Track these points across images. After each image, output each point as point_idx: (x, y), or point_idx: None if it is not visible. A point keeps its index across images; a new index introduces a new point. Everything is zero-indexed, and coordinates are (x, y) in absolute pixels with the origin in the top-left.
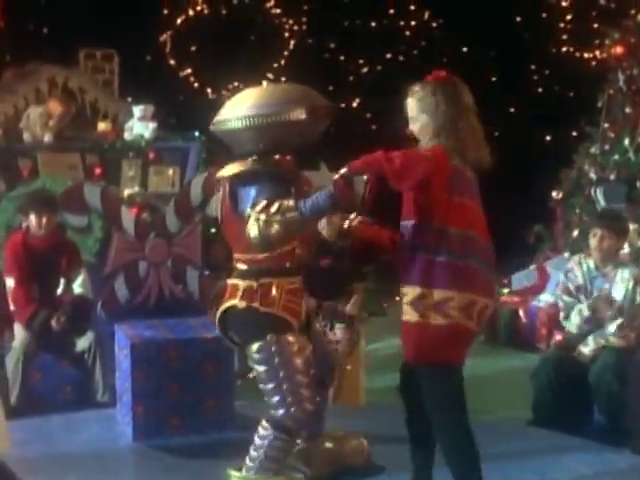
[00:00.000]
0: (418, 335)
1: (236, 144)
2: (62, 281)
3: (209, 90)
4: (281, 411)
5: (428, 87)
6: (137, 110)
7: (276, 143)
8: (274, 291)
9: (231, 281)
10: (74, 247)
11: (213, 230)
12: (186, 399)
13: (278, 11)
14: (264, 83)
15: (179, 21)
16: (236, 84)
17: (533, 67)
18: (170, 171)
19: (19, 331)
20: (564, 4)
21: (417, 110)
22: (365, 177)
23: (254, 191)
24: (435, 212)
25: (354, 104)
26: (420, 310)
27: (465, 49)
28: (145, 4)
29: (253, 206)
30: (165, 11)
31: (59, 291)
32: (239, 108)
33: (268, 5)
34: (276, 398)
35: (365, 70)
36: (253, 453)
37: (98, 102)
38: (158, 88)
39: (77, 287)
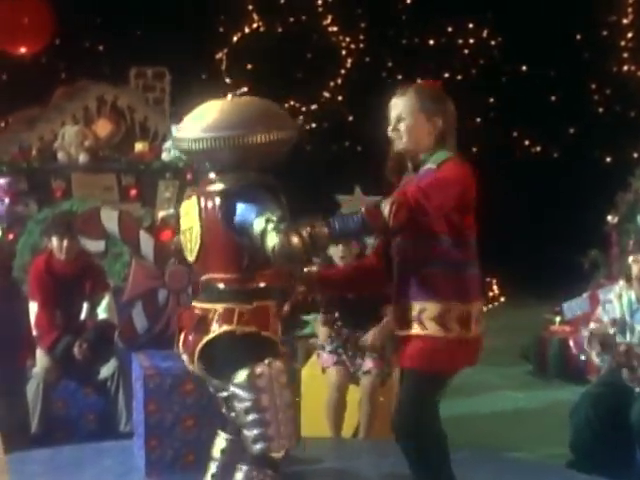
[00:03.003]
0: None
1: (197, 162)
2: (86, 306)
3: None
4: (259, 445)
5: (433, 89)
6: (175, 129)
7: (235, 164)
8: (269, 313)
9: (220, 305)
10: (99, 271)
11: None
12: (202, 434)
13: (335, 29)
14: (228, 96)
15: (235, 39)
16: (292, 102)
17: (593, 86)
18: None
19: (41, 357)
20: (625, 22)
21: (417, 109)
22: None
23: (257, 202)
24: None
25: None
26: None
27: (524, 68)
28: (200, 22)
29: (260, 216)
30: (221, 29)
31: (83, 316)
32: (195, 127)
33: (325, 23)
34: (256, 431)
35: None
36: None
37: (148, 121)
38: None
39: (101, 312)
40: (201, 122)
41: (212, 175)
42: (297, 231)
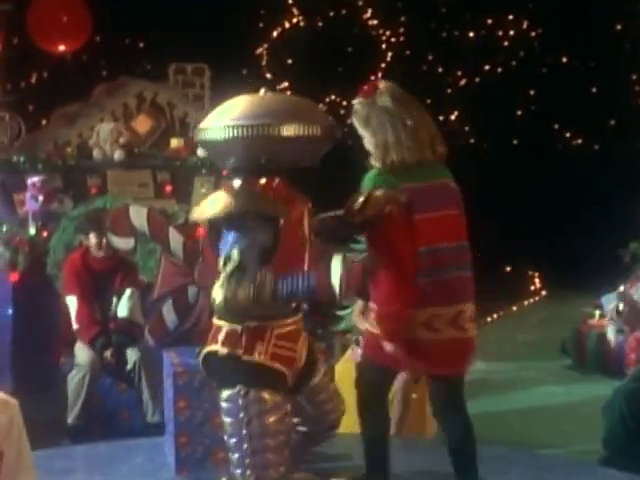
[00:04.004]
0: None
1: (218, 157)
2: (114, 301)
3: None
4: (238, 471)
5: (364, 102)
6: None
7: (264, 160)
8: (262, 336)
9: (215, 321)
10: (130, 266)
11: None
12: None
13: (375, 22)
14: (261, 91)
15: (275, 34)
16: (332, 97)
17: (634, 77)
18: None
19: (84, 350)
20: None
21: (361, 127)
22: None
23: (234, 237)
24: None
25: (452, 117)
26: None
27: (564, 59)
28: (240, 18)
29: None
30: (260, 24)
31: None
32: (224, 117)
33: (365, 17)
34: (236, 455)
35: (463, 82)
36: None
37: (188, 117)
38: None
39: (121, 309)
40: (232, 111)
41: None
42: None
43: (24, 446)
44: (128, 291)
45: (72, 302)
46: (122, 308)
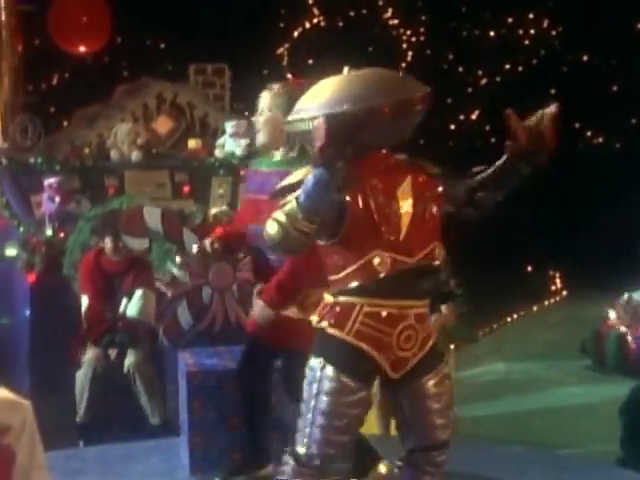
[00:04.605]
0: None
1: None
2: (124, 300)
3: None
4: (300, 437)
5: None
6: (229, 126)
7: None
8: (350, 313)
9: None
10: (144, 266)
11: None
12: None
13: (396, 22)
14: (345, 70)
15: (296, 34)
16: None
17: None
18: None
19: (90, 347)
20: None
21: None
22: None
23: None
24: None
25: (473, 116)
26: None
27: (585, 57)
28: (260, 18)
29: None
30: (281, 24)
31: (121, 310)
32: (311, 106)
33: (385, 16)
34: (301, 422)
35: (484, 81)
36: None
37: (208, 117)
38: None
39: (131, 309)
40: (318, 98)
41: None
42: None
43: (37, 447)
44: (139, 291)
45: (84, 301)
46: (132, 308)
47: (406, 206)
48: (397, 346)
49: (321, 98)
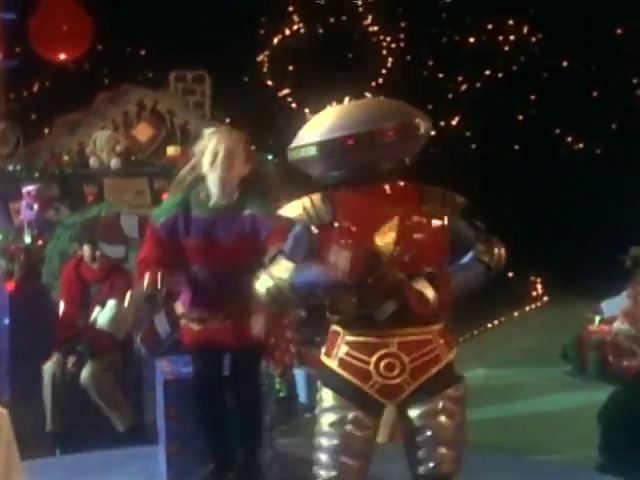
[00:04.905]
0: None
1: (312, 171)
2: (98, 309)
3: (307, 110)
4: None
5: None
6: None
7: (355, 169)
8: (335, 340)
9: None
10: (122, 275)
11: None
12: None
13: (375, 28)
14: (345, 100)
15: (276, 41)
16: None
17: (635, 81)
18: None
19: (54, 353)
20: None
21: None
22: None
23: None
24: None
25: (453, 122)
26: None
27: (565, 63)
28: (240, 25)
29: None
30: (261, 31)
31: (91, 318)
32: (312, 133)
33: (365, 23)
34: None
35: (464, 87)
36: None
37: (188, 125)
38: (255, 109)
39: (101, 318)
40: (320, 126)
41: None
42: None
43: (13, 455)
44: (112, 301)
45: (60, 308)
46: (102, 318)
47: (386, 245)
48: (377, 374)
49: (323, 126)
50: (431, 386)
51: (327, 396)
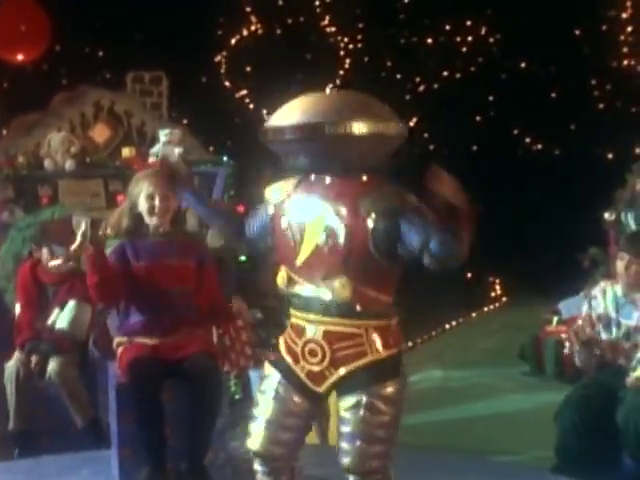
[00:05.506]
0: None
1: (287, 157)
2: (57, 311)
3: (265, 111)
4: None
5: None
6: (162, 134)
7: (332, 160)
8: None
9: None
10: (80, 276)
11: None
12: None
13: (333, 29)
14: (327, 90)
15: (233, 41)
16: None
17: (594, 82)
18: None
19: (15, 352)
20: (624, 16)
21: None
22: None
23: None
24: None
25: (411, 123)
26: None
27: (523, 65)
28: (198, 26)
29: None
30: (219, 32)
31: (49, 321)
32: (294, 115)
33: (323, 24)
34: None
35: (422, 88)
36: None
37: (145, 126)
38: (212, 110)
39: (60, 320)
40: (304, 109)
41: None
42: None
43: None
44: (72, 302)
45: (17, 310)
46: (62, 319)
47: (313, 237)
48: (303, 358)
49: (308, 109)
50: (355, 380)
51: (269, 370)
